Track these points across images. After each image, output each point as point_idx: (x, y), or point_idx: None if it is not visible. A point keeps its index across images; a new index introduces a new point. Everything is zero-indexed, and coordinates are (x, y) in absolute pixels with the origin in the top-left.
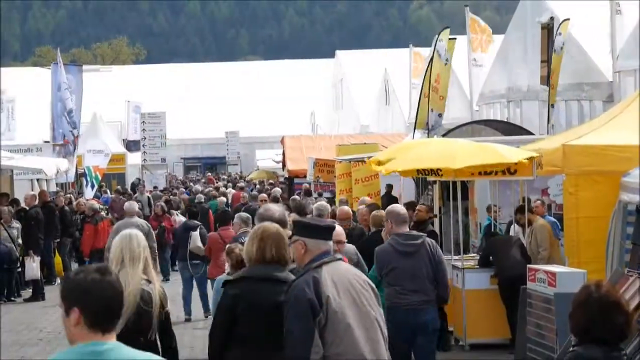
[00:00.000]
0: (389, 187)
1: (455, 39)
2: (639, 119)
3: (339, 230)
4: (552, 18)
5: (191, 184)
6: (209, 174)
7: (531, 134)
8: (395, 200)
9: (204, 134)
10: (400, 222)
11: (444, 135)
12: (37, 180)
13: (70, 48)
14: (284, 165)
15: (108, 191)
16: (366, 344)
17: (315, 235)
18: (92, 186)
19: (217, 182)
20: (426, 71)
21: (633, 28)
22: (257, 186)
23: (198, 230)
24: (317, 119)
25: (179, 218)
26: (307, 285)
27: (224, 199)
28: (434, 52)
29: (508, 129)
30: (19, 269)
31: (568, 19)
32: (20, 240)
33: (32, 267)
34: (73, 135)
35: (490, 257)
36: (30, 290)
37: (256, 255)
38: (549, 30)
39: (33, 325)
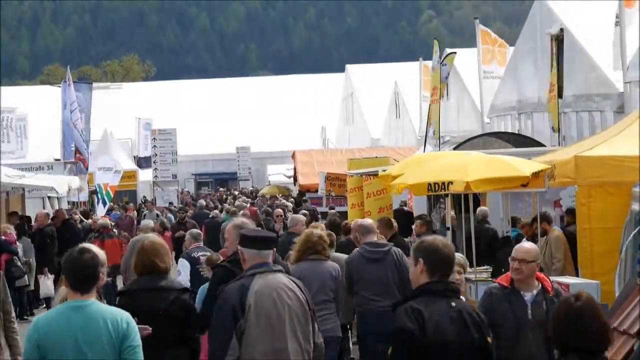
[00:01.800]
0: (403, 202)
1: (455, 53)
2: None
3: (525, 247)
4: (562, 29)
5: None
6: (220, 189)
7: (542, 145)
8: (409, 214)
9: (215, 149)
10: (365, 233)
11: (455, 148)
12: (49, 198)
13: (80, 66)
14: (295, 180)
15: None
16: (277, 353)
17: (253, 246)
18: (104, 203)
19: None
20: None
21: None
22: (268, 201)
23: None
24: (328, 134)
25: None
26: (233, 293)
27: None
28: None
29: (519, 141)
30: (32, 288)
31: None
32: (24, 258)
33: (47, 284)
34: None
35: (502, 269)
36: (44, 308)
37: (142, 266)
38: (558, 41)
39: None
